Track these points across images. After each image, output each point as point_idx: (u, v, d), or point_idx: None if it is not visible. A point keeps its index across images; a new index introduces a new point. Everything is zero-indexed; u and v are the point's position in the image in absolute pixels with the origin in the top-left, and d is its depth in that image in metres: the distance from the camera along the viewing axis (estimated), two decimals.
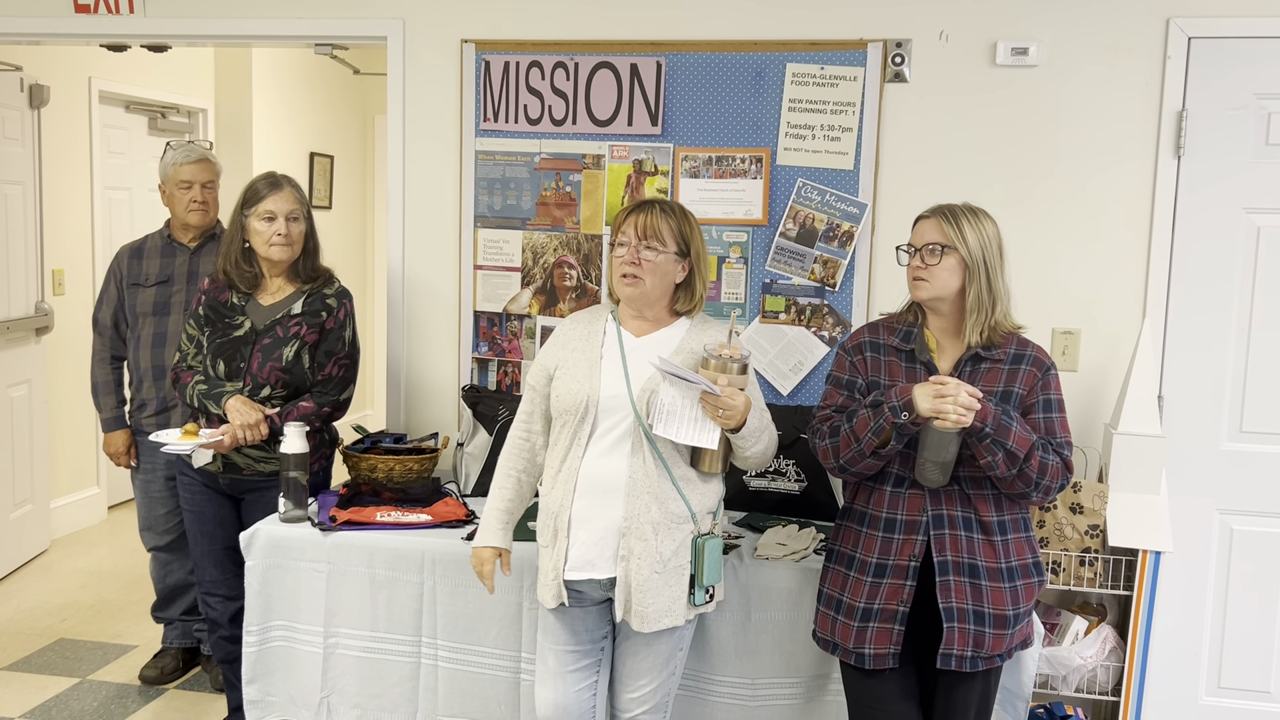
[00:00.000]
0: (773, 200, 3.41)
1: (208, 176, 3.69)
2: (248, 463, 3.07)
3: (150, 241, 3.76)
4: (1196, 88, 3.20)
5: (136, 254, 3.73)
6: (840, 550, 2.48)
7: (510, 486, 2.56)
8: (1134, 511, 3.05)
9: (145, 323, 3.65)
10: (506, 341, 3.64)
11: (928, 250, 2.37)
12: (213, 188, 3.71)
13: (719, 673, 2.76)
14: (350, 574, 2.88)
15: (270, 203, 3.03)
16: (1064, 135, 3.27)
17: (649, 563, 2.38)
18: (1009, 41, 3.26)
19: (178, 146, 3.73)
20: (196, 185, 3.66)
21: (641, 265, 2.43)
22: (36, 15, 3.81)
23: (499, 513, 2.54)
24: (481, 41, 3.55)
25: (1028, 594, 2.40)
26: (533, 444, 2.58)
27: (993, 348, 2.39)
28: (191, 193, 3.66)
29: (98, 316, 3.76)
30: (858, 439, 2.33)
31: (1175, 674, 3.38)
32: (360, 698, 2.92)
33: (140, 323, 3.65)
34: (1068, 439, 2.39)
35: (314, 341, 3.08)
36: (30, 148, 5.02)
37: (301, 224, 3.10)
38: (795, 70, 3.36)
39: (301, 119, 6.73)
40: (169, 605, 3.90)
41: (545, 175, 3.55)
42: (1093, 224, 3.28)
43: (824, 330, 3.42)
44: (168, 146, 3.76)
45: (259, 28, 3.70)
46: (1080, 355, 3.32)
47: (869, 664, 2.39)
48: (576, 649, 2.51)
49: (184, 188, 3.66)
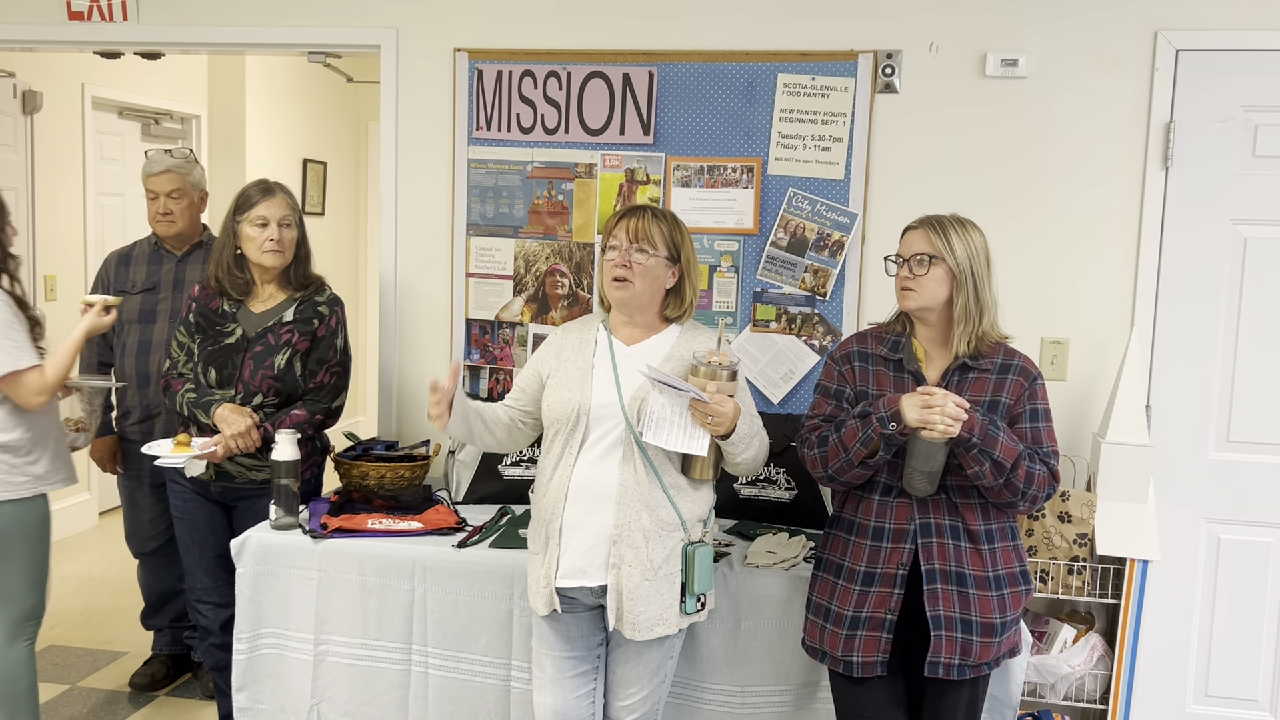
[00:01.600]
0: (764, 210, 3.43)
1: (172, 186, 3.61)
2: (240, 470, 3.07)
3: (138, 248, 3.75)
4: (1184, 100, 3.22)
5: (124, 261, 3.73)
6: (829, 559, 2.49)
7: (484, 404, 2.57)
8: (1122, 520, 3.07)
9: (130, 330, 3.62)
10: (498, 349, 3.65)
11: (915, 260, 2.38)
12: (180, 197, 3.63)
13: (709, 680, 2.76)
14: (341, 581, 2.89)
15: (263, 208, 3.04)
16: (1053, 146, 3.29)
17: (640, 570, 2.39)
18: (999, 53, 3.28)
19: (151, 156, 3.68)
20: (161, 196, 3.62)
21: (632, 268, 2.45)
22: (30, 22, 3.81)
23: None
24: (474, 50, 3.56)
25: (1015, 602, 2.41)
26: (511, 415, 2.59)
27: (980, 358, 2.40)
28: (157, 204, 3.62)
29: None
30: (846, 449, 2.34)
31: (1163, 682, 3.39)
32: (350, 705, 2.92)
33: (125, 330, 3.62)
34: (1054, 448, 2.40)
35: (306, 349, 3.08)
36: (23, 153, 5.02)
37: (294, 230, 3.10)
38: (786, 80, 3.38)
39: (294, 126, 6.74)
40: (158, 612, 3.89)
41: (537, 184, 3.56)
42: (1081, 234, 3.30)
43: (814, 339, 3.43)
44: (145, 155, 3.72)
45: (252, 35, 3.70)
46: (1069, 365, 3.34)
47: (857, 672, 2.40)
48: (572, 655, 2.52)
49: (150, 198, 3.64)
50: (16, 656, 3.02)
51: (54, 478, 3.03)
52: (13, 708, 3.04)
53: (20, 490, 2.94)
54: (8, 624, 2.99)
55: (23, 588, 3.00)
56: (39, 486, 2.99)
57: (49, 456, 3.01)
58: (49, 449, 3.02)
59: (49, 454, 3.02)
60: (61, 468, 3.07)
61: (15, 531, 2.95)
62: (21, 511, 2.96)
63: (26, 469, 2.95)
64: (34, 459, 2.97)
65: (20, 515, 2.96)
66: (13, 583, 2.98)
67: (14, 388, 2.88)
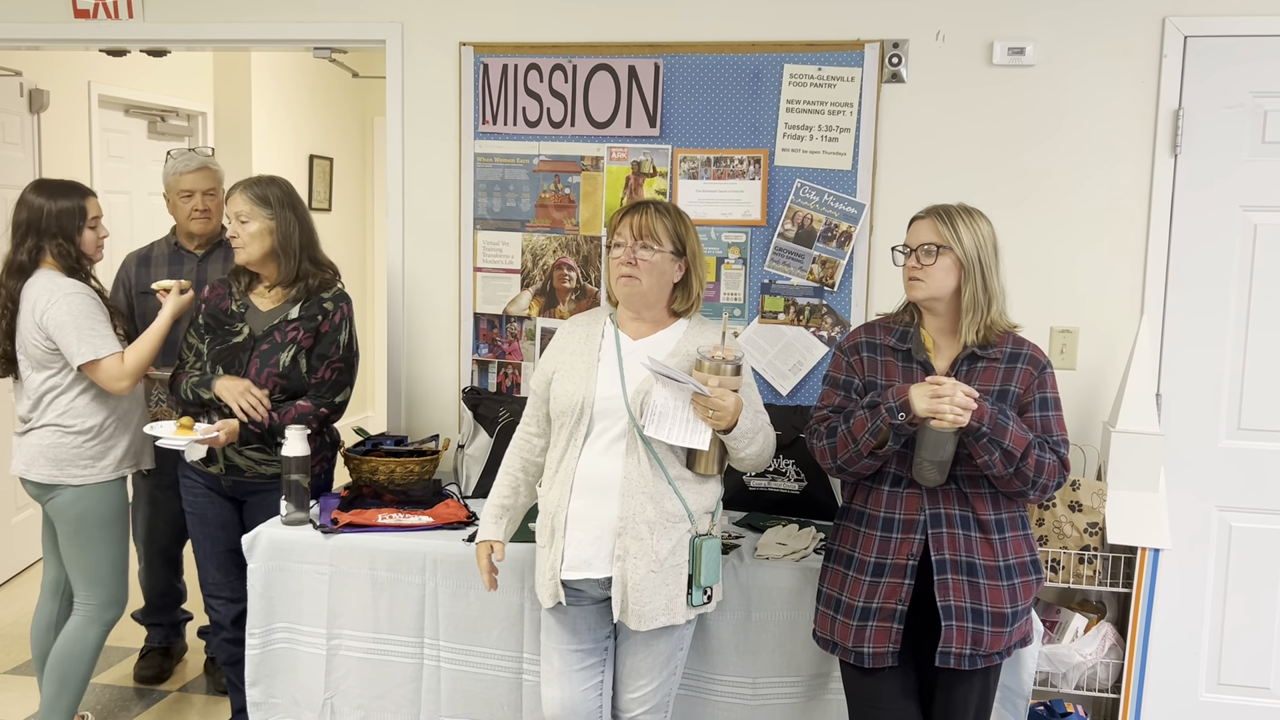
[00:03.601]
0: (771, 201, 3.42)
1: (209, 185, 3.70)
2: (250, 465, 3.08)
3: (157, 249, 3.77)
4: (1193, 86, 3.21)
5: (144, 261, 3.75)
6: (839, 550, 2.49)
7: (506, 484, 2.61)
8: (1133, 509, 3.06)
9: None
10: (506, 343, 3.65)
11: (923, 250, 2.38)
12: (215, 194, 3.71)
13: (720, 672, 2.77)
14: (352, 576, 2.90)
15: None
16: (1061, 135, 3.28)
17: (645, 562, 2.39)
18: (1006, 41, 3.27)
19: (178, 155, 3.73)
20: (198, 194, 3.68)
21: (638, 265, 2.45)
22: (36, 21, 3.82)
23: (493, 508, 2.59)
24: (480, 44, 3.56)
25: (1026, 592, 2.41)
26: (531, 446, 2.61)
27: (989, 347, 2.40)
28: (193, 201, 3.68)
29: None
30: (855, 440, 2.34)
31: (1175, 671, 3.39)
32: (364, 699, 2.93)
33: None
34: (1064, 437, 2.40)
35: (309, 345, 3.08)
36: (30, 152, 5.03)
37: (251, 225, 3.03)
38: (793, 71, 3.37)
39: (301, 122, 6.74)
40: (156, 611, 3.94)
41: (544, 177, 3.56)
42: (1090, 223, 3.29)
43: (823, 330, 3.43)
44: (169, 155, 3.76)
45: (258, 32, 3.71)
46: (1078, 353, 3.33)
47: (868, 663, 2.40)
48: (579, 648, 2.53)
49: (185, 197, 3.68)
50: (91, 640, 3.21)
51: (130, 462, 3.25)
52: (61, 687, 3.21)
53: (101, 475, 3.15)
54: (91, 608, 3.19)
55: (107, 571, 3.19)
56: (118, 470, 3.20)
57: (128, 441, 3.23)
58: (129, 434, 3.24)
59: (128, 439, 3.23)
60: (140, 452, 3.29)
61: (97, 514, 3.16)
62: (102, 494, 3.16)
63: (105, 454, 3.16)
64: (112, 444, 3.18)
65: (101, 498, 3.16)
66: (97, 566, 3.18)
67: (97, 374, 3.09)
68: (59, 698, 3.19)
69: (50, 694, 3.19)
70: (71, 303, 3.06)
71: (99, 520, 3.16)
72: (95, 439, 3.14)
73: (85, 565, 3.16)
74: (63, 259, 3.13)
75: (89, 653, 3.20)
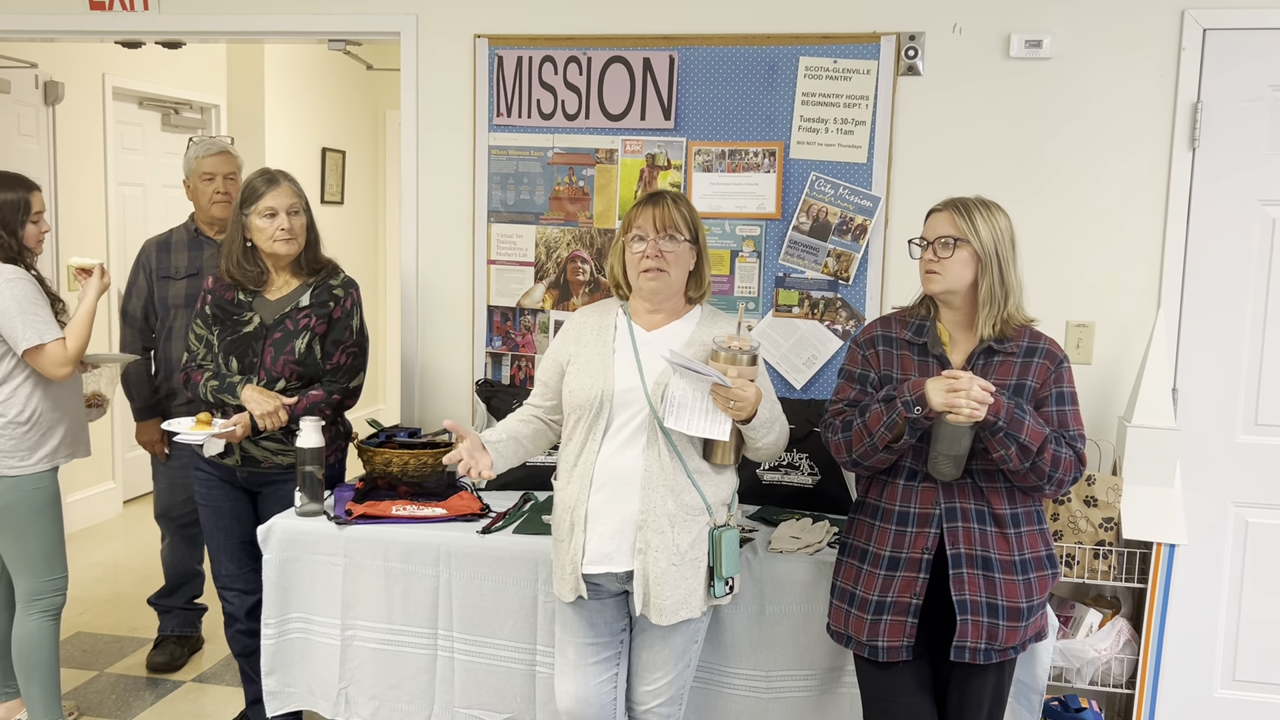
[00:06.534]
0: (786, 194, 3.41)
1: (229, 168, 3.78)
2: (265, 455, 3.08)
3: (176, 235, 3.82)
4: (1211, 79, 3.19)
5: (164, 247, 3.79)
6: (853, 544, 2.49)
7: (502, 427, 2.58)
8: (1148, 504, 3.05)
9: (176, 315, 3.71)
10: (520, 336, 3.65)
11: (940, 243, 2.37)
12: (235, 179, 3.78)
13: (734, 665, 2.77)
14: (366, 567, 2.90)
15: (270, 199, 3.05)
16: (1078, 128, 3.26)
17: (666, 555, 2.39)
18: (1023, 34, 3.25)
19: (199, 141, 3.83)
20: (219, 176, 3.76)
21: (664, 257, 2.45)
22: (51, 12, 3.83)
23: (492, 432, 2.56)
24: (494, 36, 3.56)
25: (1041, 586, 2.40)
26: (536, 415, 2.62)
27: (1005, 341, 2.39)
28: (214, 184, 3.75)
29: (127, 309, 3.80)
30: (870, 433, 2.33)
31: (1190, 667, 3.37)
32: (378, 689, 2.94)
33: (171, 315, 3.71)
34: (1081, 432, 2.39)
35: (323, 332, 3.09)
36: (45, 144, 5.05)
37: (302, 217, 3.10)
38: (808, 64, 3.36)
39: (314, 114, 6.75)
40: (173, 593, 3.99)
41: (558, 170, 3.56)
42: (1107, 216, 3.27)
43: (837, 324, 3.42)
44: (190, 142, 3.86)
45: (273, 23, 3.71)
46: (1094, 348, 3.32)
47: (882, 657, 2.40)
48: (595, 641, 2.53)
49: (206, 179, 3.76)
50: (31, 628, 3.17)
51: (65, 451, 3.22)
52: (27, 677, 3.20)
53: (33, 465, 3.12)
54: (24, 595, 3.16)
55: (37, 559, 3.16)
56: (52, 460, 3.17)
57: (64, 430, 3.19)
58: (65, 423, 3.20)
59: (64, 428, 3.19)
60: (75, 441, 3.25)
61: (28, 504, 3.12)
62: (33, 484, 3.13)
63: (41, 443, 3.14)
64: (48, 433, 3.15)
65: (32, 487, 3.13)
66: (27, 554, 3.14)
67: (39, 360, 3.06)
68: (34, 694, 3.19)
69: (28, 693, 3.20)
70: (14, 288, 3.03)
71: (31, 509, 3.12)
72: (32, 429, 3.11)
73: (19, 555, 3.13)
74: (3, 251, 3.10)
75: (32, 639, 3.16)
